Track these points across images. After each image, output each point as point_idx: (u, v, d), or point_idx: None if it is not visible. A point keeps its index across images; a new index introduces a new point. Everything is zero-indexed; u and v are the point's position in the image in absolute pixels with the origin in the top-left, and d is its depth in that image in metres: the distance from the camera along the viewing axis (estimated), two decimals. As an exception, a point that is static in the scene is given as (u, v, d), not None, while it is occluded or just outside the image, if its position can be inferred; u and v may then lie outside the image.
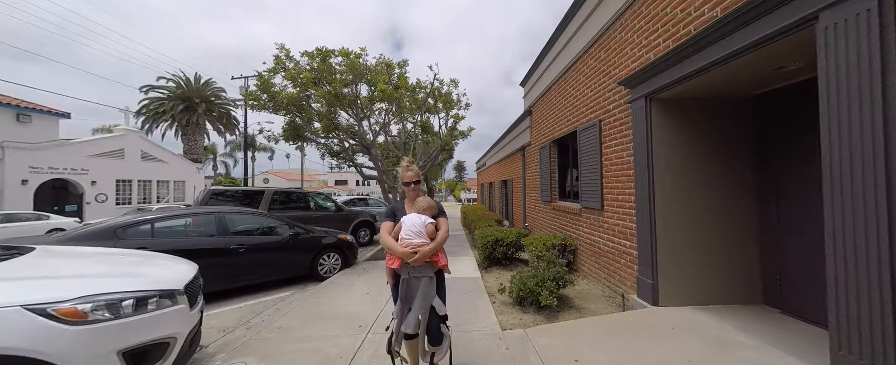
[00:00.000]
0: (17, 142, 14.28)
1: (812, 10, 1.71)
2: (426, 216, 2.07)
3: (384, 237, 2.06)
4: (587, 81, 4.73)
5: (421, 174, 2.31)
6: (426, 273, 1.97)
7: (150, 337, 2.00)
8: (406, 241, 1.97)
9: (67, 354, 1.65)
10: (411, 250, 1.90)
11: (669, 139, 3.14)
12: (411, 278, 1.97)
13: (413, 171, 2.22)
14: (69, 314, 1.72)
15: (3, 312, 1.58)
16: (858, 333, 1.55)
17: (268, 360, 2.66)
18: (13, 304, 1.62)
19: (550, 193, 6.56)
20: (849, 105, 1.58)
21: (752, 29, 2.08)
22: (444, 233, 2.03)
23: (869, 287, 1.51)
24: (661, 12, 3.06)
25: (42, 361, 1.58)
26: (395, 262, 1.97)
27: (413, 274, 1.96)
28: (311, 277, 5.52)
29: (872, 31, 1.49)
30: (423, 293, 1.94)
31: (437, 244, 1.95)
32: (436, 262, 1.99)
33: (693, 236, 3.09)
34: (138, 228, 4.10)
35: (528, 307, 3.62)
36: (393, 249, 1.96)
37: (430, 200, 2.15)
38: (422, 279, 1.97)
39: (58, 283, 1.90)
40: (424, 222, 2.02)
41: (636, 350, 2.42)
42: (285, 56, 6.53)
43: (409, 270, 1.96)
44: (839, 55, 1.62)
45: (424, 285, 1.96)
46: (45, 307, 1.68)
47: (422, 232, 1.99)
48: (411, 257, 1.88)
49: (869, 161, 1.51)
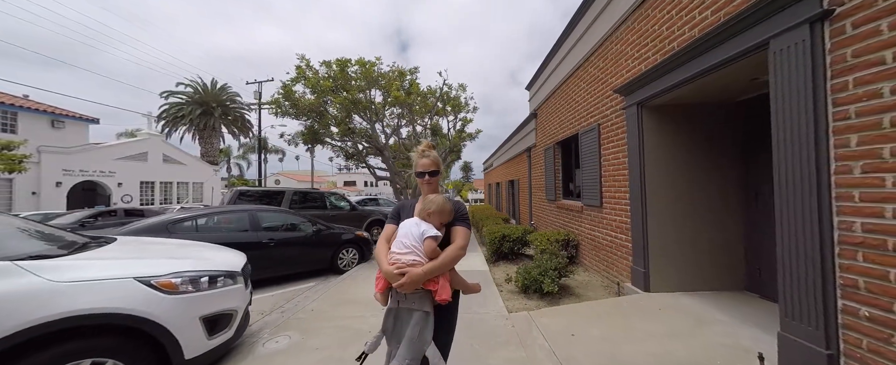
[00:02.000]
0: (52, 146, 15.22)
1: (765, 38, 2.07)
2: (429, 224, 1.45)
3: (379, 245, 1.53)
4: (587, 87, 5.09)
5: (441, 163, 1.68)
6: (420, 306, 1.38)
7: (220, 308, 2.47)
8: (394, 255, 1.40)
9: (167, 316, 2.12)
10: (397, 270, 1.35)
11: (659, 142, 3.49)
12: (400, 309, 1.41)
13: (430, 158, 1.61)
14: (166, 285, 2.19)
15: (122, 281, 2.06)
16: (798, 302, 1.90)
17: (308, 333, 3.11)
18: (127, 276, 2.10)
19: (555, 192, 6.91)
20: (790, 114, 1.94)
21: (721, 49, 2.44)
22: (454, 250, 1.42)
23: (803, 266, 1.87)
24: (651, 29, 3.42)
25: (151, 321, 2.05)
26: (380, 282, 1.43)
27: (403, 304, 1.40)
28: (332, 270, 6.00)
29: (807, 57, 1.84)
30: (412, 336, 1.34)
31: (434, 266, 1.36)
32: (434, 293, 1.37)
33: (680, 230, 3.44)
34: (184, 223, 4.63)
35: (532, 295, 4.00)
36: (380, 263, 1.43)
37: (444, 199, 1.52)
38: (413, 314, 1.38)
39: (150, 262, 2.38)
40: (423, 234, 1.42)
41: (625, 326, 2.79)
42: (306, 66, 7.04)
43: (397, 296, 1.41)
44: (784, 74, 1.98)
45: (415, 324, 1.36)
46: (149, 279, 2.15)
47: (417, 247, 1.40)
48: (396, 281, 1.33)
49: (805, 160, 1.87)
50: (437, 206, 1.47)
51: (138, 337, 2.06)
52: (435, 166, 1.61)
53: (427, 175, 1.59)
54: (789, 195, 1.95)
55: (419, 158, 1.63)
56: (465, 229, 1.50)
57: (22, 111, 14.84)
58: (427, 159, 1.61)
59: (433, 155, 1.64)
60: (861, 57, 1.62)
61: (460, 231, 1.49)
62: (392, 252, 1.43)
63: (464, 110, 9.24)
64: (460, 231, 1.49)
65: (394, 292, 1.43)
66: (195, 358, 2.27)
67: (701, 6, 2.71)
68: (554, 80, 6.68)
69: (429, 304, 1.39)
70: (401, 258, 1.39)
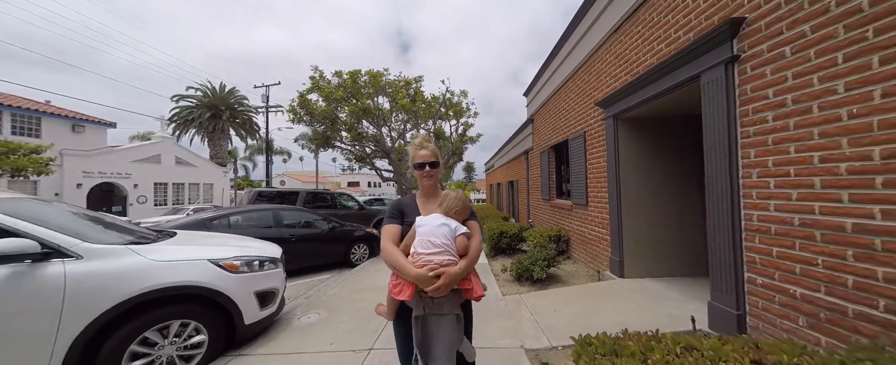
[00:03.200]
0: (74, 150, 15.99)
1: (697, 71, 2.65)
2: (456, 221, 1.41)
3: (387, 248, 1.38)
4: (575, 98, 5.66)
5: (440, 155, 1.61)
6: (452, 309, 1.31)
7: (267, 286, 3.08)
8: (423, 256, 1.30)
9: (232, 290, 2.72)
10: (432, 272, 1.24)
11: (631, 150, 4.06)
12: (429, 316, 1.30)
13: (428, 149, 1.55)
14: (230, 266, 2.80)
15: (199, 262, 2.66)
16: (720, 276, 2.47)
17: (332, 311, 3.71)
18: (202, 258, 2.70)
19: (549, 192, 7.48)
20: (714, 131, 2.51)
21: (671, 77, 3.01)
22: (478, 244, 1.41)
23: (723, 249, 2.44)
24: (623, 53, 3.99)
25: (222, 293, 2.65)
26: (404, 290, 1.28)
27: (432, 310, 1.30)
28: (345, 264, 6.60)
29: (723, 89, 2.41)
30: (449, 338, 1.29)
31: (470, 262, 1.34)
32: (467, 291, 1.34)
33: (649, 225, 4.01)
34: (219, 221, 5.26)
35: (524, 282, 4.58)
36: (402, 268, 1.29)
37: (464, 196, 1.48)
38: (445, 318, 1.30)
39: (215, 248, 2.98)
40: (455, 230, 1.37)
41: (598, 304, 3.36)
42: (319, 76, 7.66)
43: (426, 302, 1.30)
44: (710, 100, 2.55)
45: (450, 327, 1.30)
46: (217, 260, 2.75)
47: (449, 245, 1.32)
48: (430, 284, 1.23)
49: (723, 167, 2.44)
50: (461, 202, 1.46)
51: (212, 306, 2.67)
52: (434, 157, 1.55)
53: (427, 166, 1.51)
54: (714, 194, 2.52)
55: (417, 150, 1.55)
56: (477, 224, 1.51)
57: (45, 116, 15.61)
58: (426, 150, 1.54)
59: (431, 147, 1.57)
60: (756, 92, 2.19)
61: (475, 226, 1.48)
62: (417, 253, 1.30)
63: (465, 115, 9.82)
64: (475, 226, 1.48)
65: (419, 299, 1.29)
66: (251, 324, 2.87)
67: (658, 39, 3.28)
68: (547, 90, 7.25)
69: (458, 305, 1.33)
70: (433, 259, 1.28)
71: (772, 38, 2.06)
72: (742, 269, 2.32)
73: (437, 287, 1.23)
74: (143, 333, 2.33)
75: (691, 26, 2.80)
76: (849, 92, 1.67)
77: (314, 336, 3.08)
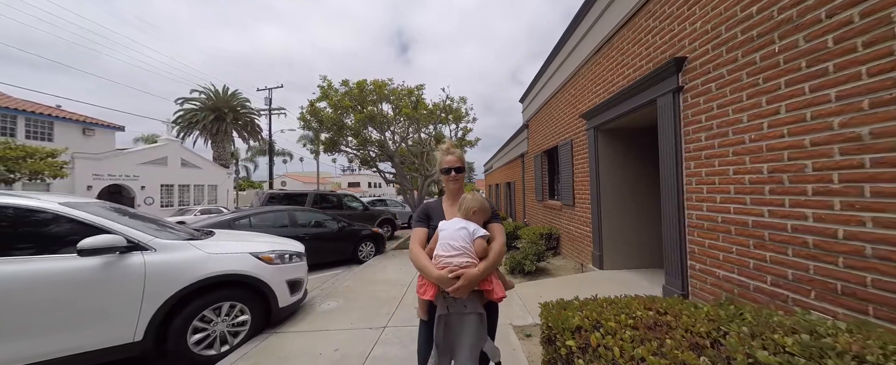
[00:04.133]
0: (84, 153, 16.48)
1: (654, 96, 3.21)
2: (475, 223, 1.47)
3: (413, 250, 1.48)
4: (565, 108, 6.22)
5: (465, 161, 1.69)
6: (474, 308, 1.38)
7: (295, 276, 3.63)
8: (443, 259, 1.38)
9: (269, 278, 3.27)
10: (451, 274, 1.31)
11: (609, 156, 4.62)
12: (452, 315, 1.38)
13: (455, 155, 1.64)
14: (266, 259, 3.35)
15: (243, 255, 3.21)
16: (671, 265, 3.03)
17: (348, 300, 4.26)
18: (245, 251, 3.25)
19: (542, 193, 8.04)
20: (667, 145, 3.07)
21: (636, 99, 3.57)
22: (500, 246, 1.46)
23: (673, 242, 2.99)
24: (601, 74, 4.55)
25: (263, 281, 3.20)
26: (428, 290, 1.38)
27: (455, 309, 1.37)
28: (353, 261, 7.15)
29: (672, 112, 2.97)
30: (473, 338, 1.35)
31: (489, 266, 1.38)
32: (488, 292, 1.39)
33: (624, 223, 4.57)
34: (242, 221, 5.81)
35: (517, 274, 5.14)
36: (425, 269, 1.38)
37: (481, 197, 1.53)
38: (467, 317, 1.37)
39: (253, 244, 3.52)
40: (473, 233, 1.43)
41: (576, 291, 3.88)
42: (328, 86, 8.22)
43: (448, 302, 1.37)
44: (663, 120, 3.10)
45: (473, 326, 1.36)
46: (257, 253, 3.30)
47: (468, 248, 1.39)
48: (450, 285, 1.31)
49: (672, 175, 3.00)
50: (479, 204, 1.50)
51: (253, 291, 3.22)
52: (461, 163, 1.64)
53: (453, 171, 1.61)
54: (666, 197, 3.08)
55: (444, 156, 1.65)
56: (501, 226, 1.55)
57: (57, 120, 16.11)
58: (453, 156, 1.64)
59: (458, 152, 1.67)
60: (694, 116, 2.75)
61: (498, 228, 1.51)
62: (438, 255, 1.39)
63: (464, 120, 10.38)
64: (498, 228, 1.51)
65: (442, 299, 1.37)
66: (283, 308, 3.42)
67: (627, 65, 3.84)
68: (540, 99, 7.81)
69: (480, 305, 1.38)
70: (451, 261, 1.35)
71: (703, 75, 2.62)
72: (686, 258, 2.88)
73: (456, 288, 1.29)
74: (203, 311, 2.88)
75: (651, 58, 3.36)
76: (749, 122, 2.23)
77: (335, 319, 3.63)
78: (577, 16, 5.10)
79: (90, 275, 2.43)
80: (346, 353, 2.80)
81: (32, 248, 2.38)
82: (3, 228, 2.35)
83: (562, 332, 1.50)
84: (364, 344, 2.94)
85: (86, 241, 2.41)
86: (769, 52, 2.07)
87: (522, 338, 2.93)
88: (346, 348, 2.88)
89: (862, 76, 1.60)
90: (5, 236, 2.34)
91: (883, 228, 1.54)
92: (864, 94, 1.60)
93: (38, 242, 2.42)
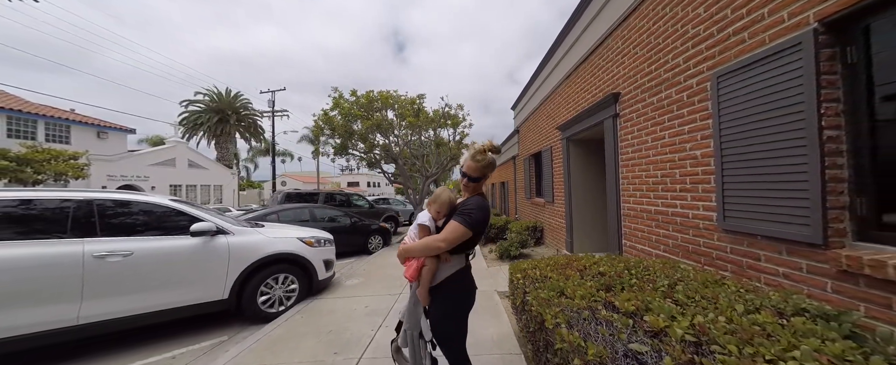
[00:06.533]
0: (99, 155, 17.32)
1: (602, 119, 4.27)
2: (428, 213, 1.68)
3: None
4: (546, 119, 7.27)
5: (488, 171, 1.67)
6: (412, 291, 1.70)
7: (328, 256, 4.66)
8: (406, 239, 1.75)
9: (311, 257, 4.30)
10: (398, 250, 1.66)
11: (577, 161, 5.69)
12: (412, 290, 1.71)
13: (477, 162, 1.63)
14: (309, 242, 4.37)
15: (292, 239, 4.23)
16: (615, 245, 4.09)
17: (368, 278, 5.31)
18: (293, 237, 4.27)
19: (530, 192, 9.11)
20: (610, 155, 4.13)
21: (592, 118, 4.63)
22: (431, 239, 1.55)
23: (614, 227, 4.06)
24: (571, 95, 5.61)
25: (307, 259, 4.23)
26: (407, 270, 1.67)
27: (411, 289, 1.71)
28: (364, 252, 8.18)
29: (612, 132, 4.03)
30: (409, 308, 1.73)
31: (408, 247, 1.60)
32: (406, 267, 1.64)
33: (591, 215, 5.64)
34: (270, 216, 6.82)
35: (505, 260, 6.20)
36: None
37: (447, 193, 1.66)
38: (411, 288, 1.71)
39: (297, 231, 4.54)
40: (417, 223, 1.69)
41: (549, 268, 5.00)
42: (339, 97, 9.23)
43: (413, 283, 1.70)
44: (608, 136, 4.16)
45: (410, 298, 1.73)
46: (301, 238, 4.33)
47: (414, 235, 1.68)
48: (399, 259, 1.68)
49: (613, 178, 4.06)
50: (435, 196, 1.66)
51: (300, 266, 4.24)
52: (478, 173, 1.61)
53: (466, 178, 1.63)
54: (610, 194, 4.15)
55: (469, 160, 1.63)
56: (457, 224, 1.50)
57: (74, 124, 16.93)
58: (474, 163, 1.60)
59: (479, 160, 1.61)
60: (624, 135, 3.81)
61: (450, 224, 1.53)
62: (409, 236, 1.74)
63: (461, 125, 11.42)
64: (450, 224, 1.53)
65: None
66: (321, 280, 4.45)
67: (588, 91, 4.90)
68: (528, 109, 8.88)
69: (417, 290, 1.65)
70: (405, 239, 1.74)
71: (629, 106, 3.68)
72: (622, 238, 3.95)
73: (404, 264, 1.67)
74: (266, 280, 3.90)
75: (601, 88, 4.42)
76: (652, 142, 3.28)
77: (360, 289, 4.67)
78: (552, 47, 6.17)
79: (195, 250, 3.45)
80: (374, 308, 3.84)
81: (159, 231, 3.39)
82: (143, 217, 3.36)
83: (515, 272, 2.56)
84: (386, 303, 3.98)
85: (195, 225, 3.43)
86: (660, 97, 3.13)
87: (502, 298, 3.98)
88: (373, 305, 3.92)
89: (696, 119, 2.67)
90: (145, 223, 3.35)
91: (705, 211, 2.61)
92: (698, 130, 2.66)
93: (162, 227, 3.43)
